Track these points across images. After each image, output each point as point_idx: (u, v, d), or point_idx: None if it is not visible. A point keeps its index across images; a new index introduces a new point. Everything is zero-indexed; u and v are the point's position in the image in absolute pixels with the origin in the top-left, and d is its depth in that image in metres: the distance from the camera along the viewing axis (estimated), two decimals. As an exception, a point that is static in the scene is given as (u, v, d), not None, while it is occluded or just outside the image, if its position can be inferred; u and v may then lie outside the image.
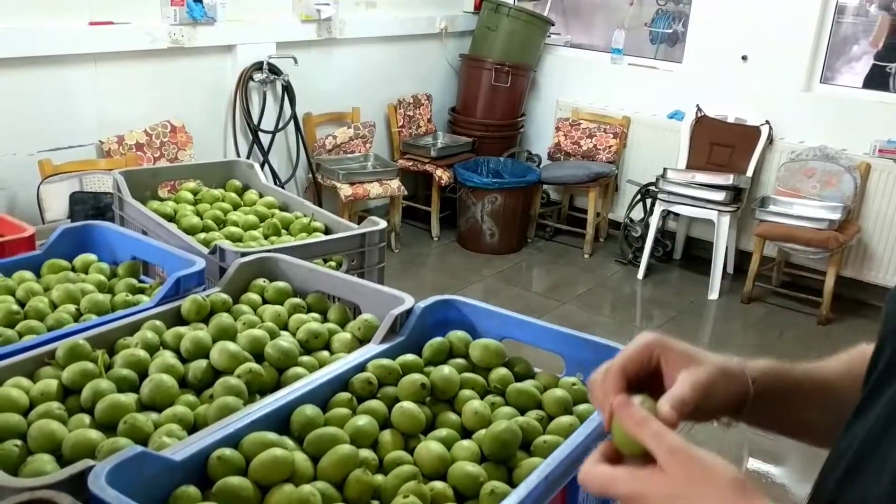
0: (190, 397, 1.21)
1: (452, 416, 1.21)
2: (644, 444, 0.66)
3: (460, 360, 1.33)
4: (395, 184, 4.69)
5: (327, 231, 2.02)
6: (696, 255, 5.08)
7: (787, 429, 0.85)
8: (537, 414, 1.23)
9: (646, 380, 0.75)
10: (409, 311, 1.37)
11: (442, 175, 4.96)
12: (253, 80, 4.25)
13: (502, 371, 1.32)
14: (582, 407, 1.25)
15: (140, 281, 1.66)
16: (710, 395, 0.73)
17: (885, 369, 0.68)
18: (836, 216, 4.17)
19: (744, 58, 4.71)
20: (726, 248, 4.63)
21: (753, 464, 3.13)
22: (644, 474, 0.66)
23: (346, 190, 4.47)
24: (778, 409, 0.81)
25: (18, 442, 1.05)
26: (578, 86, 5.41)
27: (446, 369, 1.26)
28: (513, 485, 1.05)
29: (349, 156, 4.83)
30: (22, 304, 1.47)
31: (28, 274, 1.59)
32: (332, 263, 1.85)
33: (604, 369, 0.76)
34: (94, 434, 1.07)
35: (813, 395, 0.82)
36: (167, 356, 1.28)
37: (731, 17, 4.73)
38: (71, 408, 1.15)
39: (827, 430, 0.73)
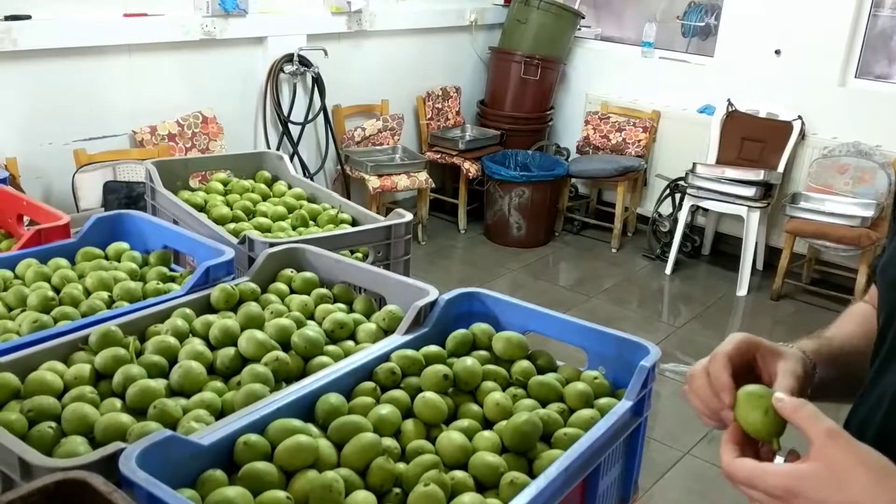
0: (218, 384, 1.24)
1: (474, 407, 1.23)
2: (801, 424, 0.70)
3: (483, 352, 1.34)
4: (422, 176, 4.70)
5: (354, 223, 2.04)
6: (725, 250, 5.04)
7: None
8: (558, 407, 1.23)
9: (739, 373, 0.82)
10: (433, 303, 1.39)
11: (470, 168, 4.97)
12: (283, 71, 4.28)
13: (524, 364, 1.32)
14: (603, 401, 1.25)
15: (171, 269, 1.69)
16: (801, 381, 0.81)
17: None
18: (869, 213, 4.11)
19: (777, 52, 4.65)
20: (756, 244, 4.59)
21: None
22: (797, 469, 0.68)
23: (374, 182, 4.49)
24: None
25: (53, 424, 1.08)
26: (608, 79, 5.38)
27: (469, 361, 1.28)
28: (533, 476, 1.06)
29: (377, 148, 4.85)
30: (57, 290, 1.51)
31: (63, 261, 1.62)
32: (359, 255, 1.87)
33: (704, 363, 0.83)
34: (125, 418, 1.10)
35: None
36: (196, 343, 1.30)
37: (764, 10, 4.67)
38: (103, 392, 1.18)
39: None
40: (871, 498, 0.65)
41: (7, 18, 3.19)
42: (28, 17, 3.25)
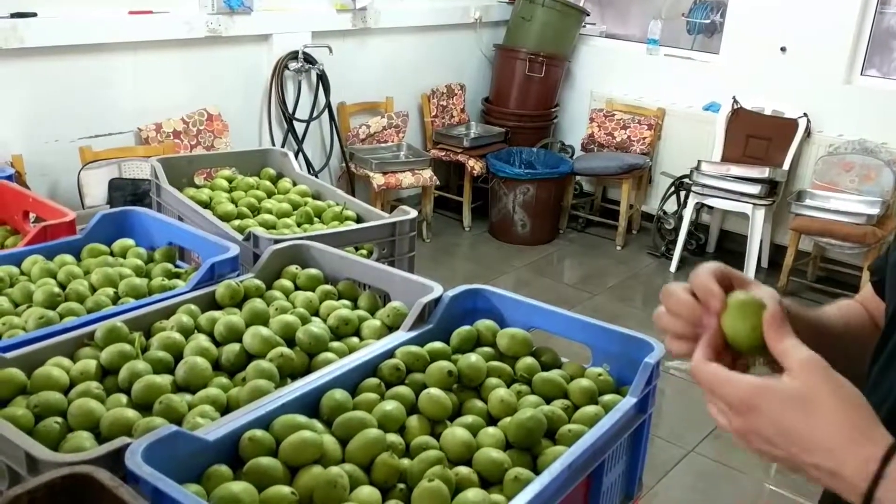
0: (223, 380, 1.24)
1: (479, 403, 1.23)
2: (780, 353, 0.67)
3: (488, 349, 1.35)
4: (427, 173, 4.70)
5: (359, 220, 2.05)
6: (730, 248, 5.03)
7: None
8: (563, 403, 1.24)
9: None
10: (437, 300, 1.39)
11: (474, 165, 4.97)
12: (288, 69, 4.29)
13: (529, 360, 1.33)
14: (607, 397, 1.26)
15: (176, 266, 1.70)
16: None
17: None
18: (875, 211, 4.09)
19: (783, 49, 4.64)
20: (761, 241, 4.58)
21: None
22: (764, 383, 0.66)
23: (378, 179, 4.50)
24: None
25: (59, 419, 1.09)
26: (613, 77, 5.37)
27: (473, 357, 1.28)
28: (537, 472, 1.06)
29: (382, 145, 4.85)
30: (63, 286, 1.52)
31: (69, 258, 1.63)
32: (363, 252, 1.87)
33: (681, 285, 0.79)
34: (131, 413, 1.10)
35: (826, 334, 0.87)
36: (201, 339, 1.31)
37: (770, 7, 4.65)
38: (109, 387, 1.19)
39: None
40: (835, 435, 0.62)
41: (13, 16, 3.20)
42: (34, 15, 3.26)
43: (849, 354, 0.89)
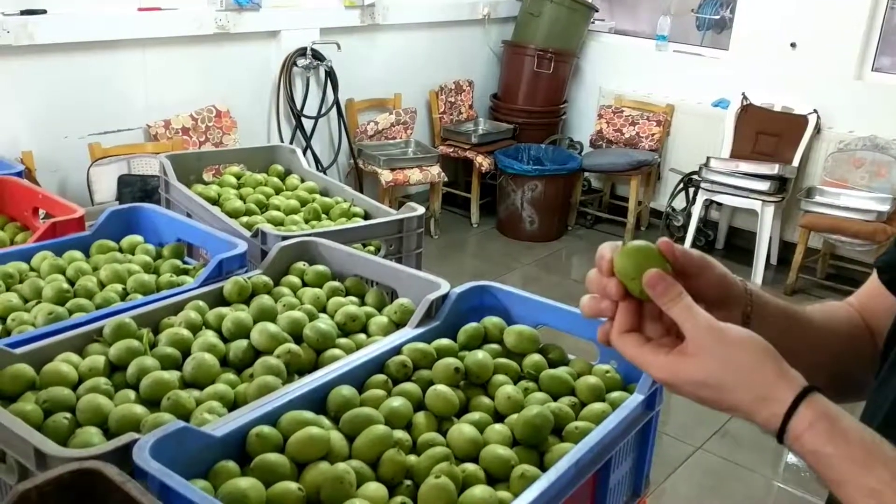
0: (231, 376, 1.24)
1: (485, 400, 1.23)
2: (675, 319, 0.67)
3: (495, 346, 1.35)
4: (435, 170, 4.70)
5: (367, 216, 2.05)
6: (739, 245, 5.01)
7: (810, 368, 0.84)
8: (570, 400, 1.23)
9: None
10: (444, 297, 1.39)
11: (482, 162, 4.96)
12: (296, 65, 4.29)
13: (536, 357, 1.33)
14: (614, 394, 1.25)
15: (184, 262, 1.70)
16: (708, 275, 0.75)
17: None
18: (885, 208, 4.07)
19: (792, 45, 4.61)
20: (770, 238, 4.56)
21: (794, 458, 3.10)
22: (673, 362, 0.67)
23: (386, 176, 4.50)
24: (771, 332, 0.79)
25: (68, 415, 1.09)
26: (622, 73, 5.35)
27: (480, 354, 1.28)
28: (543, 469, 1.06)
29: (390, 142, 4.85)
30: (72, 282, 1.52)
31: (78, 254, 1.64)
32: (371, 248, 1.88)
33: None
34: (139, 409, 1.11)
35: (798, 327, 0.85)
36: (209, 336, 1.31)
37: (780, 2, 4.63)
38: (117, 383, 1.19)
39: (810, 368, 0.74)
40: (745, 401, 0.65)
41: (23, 13, 3.21)
42: (44, 12, 3.27)
43: (821, 345, 0.86)
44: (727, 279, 0.78)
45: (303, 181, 2.26)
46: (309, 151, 4.39)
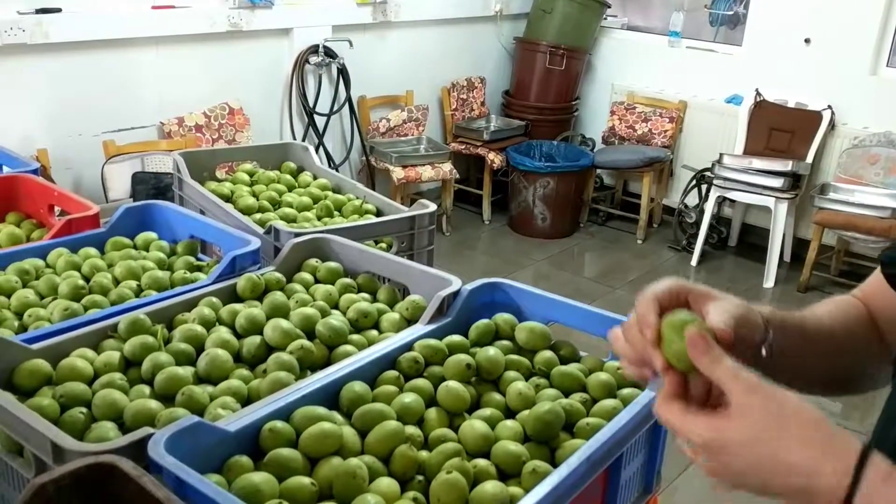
0: (244, 371, 1.25)
1: (497, 396, 1.23)
2: (718, 382, 0.65)
3: (506, 342, 1.35)
4: (447, 167, 4.70)
5: (378, 213, 2.05)
6: (752, 242, 4.99)
7: (802, 376, 0.83)
8: (581, 397, 1.24)
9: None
10: (456, 293, 1.39)
11: (494, 158, 4.96)
12: (309, 63, 4.30)
13: (547, 354, 1.33)
14: (626, 391, 1.25)
15: (198, 259, 1.71)
16: (740, 326, 0.72)
17: None
18: (900, 204, 4.04)
19: (807, 41, 4.58)
20: (783, 235, 4.54)
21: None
22: (719, 423, 0.64)
23: (398, 173, 4.50)
24: (792, 352, 0.80)
25: (84, 409, 1.10)
26: (634, 69, 5.33)
27: (492, 350, 1.28)
28: (555, 465, 1.06)
29: (402, 139, 4.86)
30: (87, 279, 1.54)
31: (93, 250, 1.65)
32: (383, 245, 1.88)
33: (634, 316, 0.75)
34: (154, 404, 1.12)
35: (817, 340, 0.84)
36: (223, 332, 1.32)
37: (794, -2, 4.61)
38: (132, 379, 1.20)
39: (832, 378, 0.73)
40: (802, 458, 0.62)
41: (38, 11, 3.24)
42: (59, 10, 3.29)
43: (841, 351, 0.86)
44: (753, 325, 0.77)
45: (315, 178, 2.27)
46: (321, 148, 4.41)
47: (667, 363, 0.69)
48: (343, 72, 4.44)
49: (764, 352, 0.77)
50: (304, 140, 4.29)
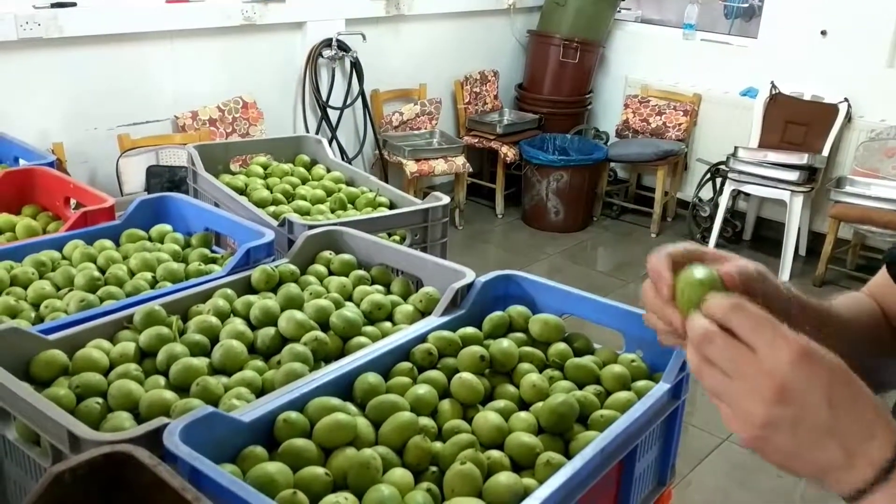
0: (258, 362, 1.26)
1: (510, 388, 1.23)
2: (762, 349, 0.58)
3: (520, 335, 1.35)
4: (460, 160, 4.70)
5: (392, 206, 2.05)
6: (767, 236, 4.96)
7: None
8: (595, 389, 1.23)
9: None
10: (469, 286, 1.39)
11: (507, 152, 4.95)
12: (322, 56, 4.30)
13: (561, 346, 1.33)
14: (640, 383, 1.25)
15: (212, 251, 1.72)
16: (758, 284, 0.69)
17: None
18: (917, 198, 4.01)
19: (823, 33, 4.54)
20: (799, 229, 4.51)
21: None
22: (814, 348, 0.57)
23: (411, 166, 4.50)
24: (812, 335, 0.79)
25: (100, 400, 1.11)
26: (648, 62, 5.31)
27: (505, 342, 1.28)
28: (569, 457, 1.06)
29: (415, 132, 4.86)
30: (103, 270, 1.55)
31: (108, 243, 1.66)
32: (396, 237, 1.88)
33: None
34: (169, 394, 1.12)
35: (831, 321, 0.81)
36: (237, 323, 1.33)
37: (810, -10, 4.56)
38: (147, 369, 1.21)
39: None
40: (863, 420, 0.57)
41: (54, 6, 3.25)
42: (73, 5, 3.31)
43: (854, 343, 0.84)
44: (778, 288, 0.74)
45: (329, 171, 2.27)
46: (334, 142, 4.41)
47: (685, 317, 0.66)
48: (356, 65, 4.44)
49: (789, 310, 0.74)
50: (317, 133, 4.30)
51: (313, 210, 2.01)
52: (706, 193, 4.90)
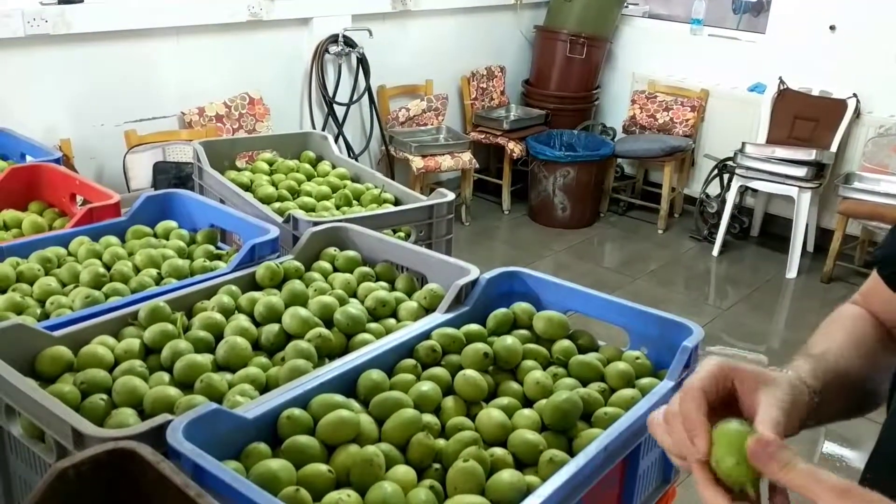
0: (262, 359, 1.26)
1: (514, 385, 1.23)
2: (798, 488, 0.60)
3: (524, 332, 1.35)
4: (466, 156, 4.69)
5: (397, 202, 2.05)
6: (775, 232, 4.94)
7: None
8: (599, 386, 1.23)
9: (717, 405, 0.71)
10: (474, 282, 1.39)
11: (514, 148, 4.94)
12: (328, 52, 4.30)
13: (565, 343, 1.32)
14: (644, 381, 1.25)
15: (217, 247, 1.72)
16: (790, 415, 0.70)
17: None
18: (927, 194, 3.98)
19: (831, 27, 4.52)
20: (807, 225, 4.49)
21: (828, 447, 3.06)
22: None
23: (417, 162, 4.50)
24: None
25: (104, 396, 1.11)
26: (656, 58, 5.29)
27: (509, 339, 1.28)
28: (572, 454, 1.06)
29: (422, 128, 4.85)
30: (108, 267, 1.55)
31: (114, 239, 1.66)
32: (401, 234, 1.88)
33: (673, 401, 0.72)
34: (173, 391, 1.12)
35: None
36: (242, 320, 1.33)
37: (819, -15, 4.54)
38: (152, 366, 1.21)
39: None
40: None
41: (61, 2, 3.26)
42: (80, 1, 3.32)
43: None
44: (799, 403, 0.74)
45: (334, 167, 2.27)
46: (341, 138, 4.41)
47: (715, 478, 0.66)
48: (362, 61, 4.43)
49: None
50: (323, 130, 4.30)
51: (318, 206, 2.01)
52: (714, 189, 4.88)
